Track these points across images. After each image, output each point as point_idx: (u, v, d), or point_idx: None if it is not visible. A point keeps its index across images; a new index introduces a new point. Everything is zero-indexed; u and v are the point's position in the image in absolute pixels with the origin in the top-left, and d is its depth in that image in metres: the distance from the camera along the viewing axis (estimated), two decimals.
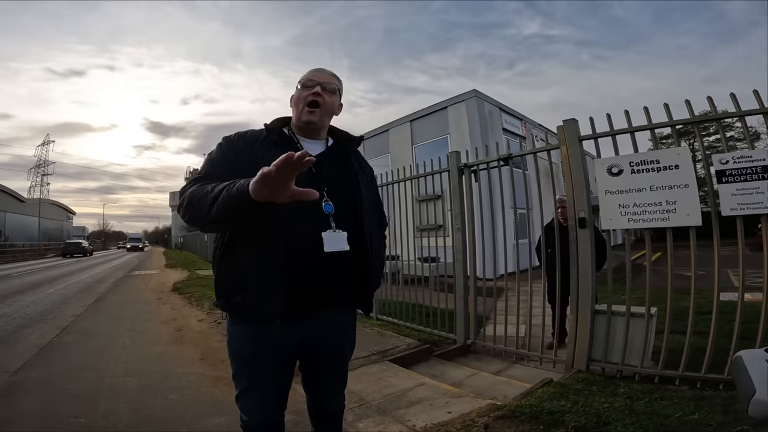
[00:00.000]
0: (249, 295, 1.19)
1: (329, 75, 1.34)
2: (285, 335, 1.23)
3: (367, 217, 1.34)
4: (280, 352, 1.27)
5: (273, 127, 1.33)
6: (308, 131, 1.35)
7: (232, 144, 1.29)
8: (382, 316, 4.86)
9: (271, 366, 1.28)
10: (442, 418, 2.22)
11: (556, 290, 3.31)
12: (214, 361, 3.56)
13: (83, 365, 3.45)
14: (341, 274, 1.26)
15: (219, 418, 2.40)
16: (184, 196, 1.15)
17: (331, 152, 1.37)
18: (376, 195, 1.54)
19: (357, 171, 1.39)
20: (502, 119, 12.23)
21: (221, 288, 1.27)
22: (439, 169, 4.19)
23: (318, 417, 1.55)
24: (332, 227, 1.22)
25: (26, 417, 2.42)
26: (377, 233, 1.45)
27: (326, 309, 1.28)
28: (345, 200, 1.29)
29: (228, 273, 1.24)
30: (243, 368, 1.32)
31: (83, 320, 5.50)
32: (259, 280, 1.17)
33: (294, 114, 1.35)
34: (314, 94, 1.28)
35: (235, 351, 1.32)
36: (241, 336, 1.29)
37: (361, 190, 1.35)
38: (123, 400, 2.68)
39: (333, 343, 1.36)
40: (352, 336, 1.46)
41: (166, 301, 7.26)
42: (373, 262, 1.35)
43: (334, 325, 1.34)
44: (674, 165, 2.67)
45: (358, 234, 1.29)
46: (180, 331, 4.79)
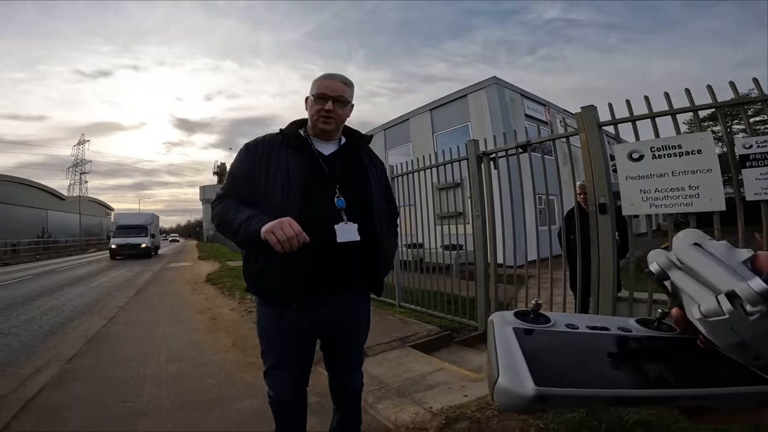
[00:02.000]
0: (270, 283, 1.35)
1: (341, 84, 1.42)
2: (303, 318, 1.38)
3: (377, 209, 1.45)
4: (300, 332, 1.42)
5: (289, 132, 1.45)
6: (323, 135, 1.46)
7: (250, 153, 1.43)
8: (405, 304, 4.97)
9: (293, 345, 1.44)
10: (458, 401, 2.31)
11: (578, 277, 3.31)
12: (246, 347, 3.77)
13: (128, 353, 3.70)
14: (353, 262, 1.39)
15: (251, 401, 2.57)
16: (214, 215, 1.41)
17: (343, 151, 1.49)
18: (387, 187, 1.64)
19: (368, 166, 1.51)
20: (524, 105, 11.98)
21: (249, 277, 1.44)
22: (458, 157, 4.22)
23: (338, 394, 1.69)
24: (344, 220, 1.35)
25: (79, 403, 2.62)
26: (387, 223, 1.56)
27: (340, 293, 1.42)
28: (356, 194, 1.41)
29: (253, 264, 1.40)
30: (270, 346, 1.48)
31: (126, 311, 5.86)
32: (278, 270, 1.32)
33: (309, 121, 1.46)
34: (326, 110, 1.38)
35: (263, 330, 1.48)
36: (268, 317, 1.45)
37: (371, 184, 1.47)
38: (165, 386, 2.88)
39: (348, 323, 1.50)
40: (366, 316, 1.60)
41: (200, 292, 7.62)
42: (383, 250, 1.47)
43: (348, 307, 1.47)
44: (697, 150, 2.61)
45: (369, 225, 1.41)
46: (214, 320, 5.06)
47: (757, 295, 0.27)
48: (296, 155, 1.40)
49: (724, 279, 0.30)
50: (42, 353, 3.91)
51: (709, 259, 0.32)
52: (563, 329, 0.35)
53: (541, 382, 0.28)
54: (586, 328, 0.36)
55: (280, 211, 1.26)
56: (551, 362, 0.31)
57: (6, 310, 6.35)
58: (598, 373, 0.31)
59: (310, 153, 1.42)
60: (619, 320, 0.38)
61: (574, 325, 0.36)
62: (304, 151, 1.42)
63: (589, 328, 0.36)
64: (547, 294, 3.55)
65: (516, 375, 0.29)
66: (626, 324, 0.37)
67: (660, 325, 0.38)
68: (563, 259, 3.46)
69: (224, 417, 2.39)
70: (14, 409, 2.52)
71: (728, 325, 0.29)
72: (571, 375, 0.30)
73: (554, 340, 0.34)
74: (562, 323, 0.36)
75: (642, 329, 0.37)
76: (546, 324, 0.36)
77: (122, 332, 4.57)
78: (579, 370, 0.31)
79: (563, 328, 0.36)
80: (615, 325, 0.37)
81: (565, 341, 0.34)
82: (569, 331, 0.35)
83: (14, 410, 2.50)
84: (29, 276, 12.11)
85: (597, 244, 3.03)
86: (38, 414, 2.47)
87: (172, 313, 5.63)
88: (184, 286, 8.76)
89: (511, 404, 0.28)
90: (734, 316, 0.28)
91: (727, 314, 0.28)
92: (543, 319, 0.36)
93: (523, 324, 0.35)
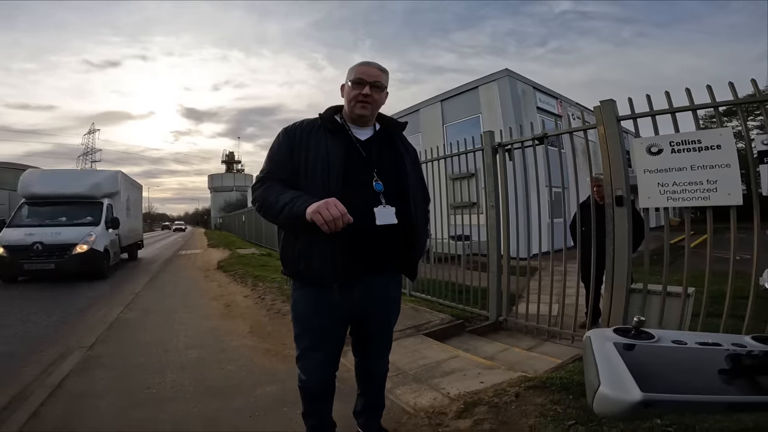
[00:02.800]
0: (312, 262, 1.38)
1: (377, 70, 1.45)
2: (341, 298, 1.42)
3: (412, 193, 1.49)
4: (336, 314, 1.46)
5: (326, 116, 1.49)
6: (358, 121, 1.49)
7: (289, 136, 1.47)
8: (416, 293, 5.03)
9: (328, 327, 1.48)
10: (475, 387, 2.37)
11: (591, 269, 3.34)
12: (262, 334, 3.84)
13: (148, 340, 3.77)
14: (390, 244, 1.44)
15: (272, 387, 2.63)
16: (256, 198, 1.42)
17: (378, 137, 1.53)
18: (420, 173, 1.67)
19: (403, 152, 1.54)
20: (536, 98, 11.86)
21: (286, 257, 1.46)
22: (473, 148, 4.23)
23: (364, 378, 1.74)
24: (382, 203, 1.39)
25: (106, 390, 2.65)
26: (422, 208, 1.60)
27: (376, 274, 1.46)
28: (392, 179, 1.45)
29: (292, 244, 1.42)
30: (305, 329, 1.52)
31: (142, 297, 5.95)
32: (321, 250, 1.36)
33: (346, 106, 1.49)
34: (364, 95, 1.41)
35: (299, 313, 1.52)
36: (305, 299, 1.48)
37: (407, 168, 1.51)
38: (187, 372, 2.93)
39: (381, 306, 1.54)
40: (398, 300, 1.65)
41: (212, 279, 7.74)
42: (418, 233, 1.51)
43: (383, 290, 1.52)
44: (716, 145, 2.61)
45: (405, 209, 1.45)
46: (228, 307, 5.14)
47: None
48: (334, 139, 1.43)
49: None
50: (62, 340, 3.96)
51: None
52: (670, 344, 0.37)
53: (647, 388, 0.29)
54: (695, 344, 0.37)
55: (322, 193, 1.29)
56: (658, 373, 0.32)
57: (23, 296, 6.43)
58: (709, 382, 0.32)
59: (347, 138, 1.45)
60: (732, 337, 0.39)
61: (682, 341, 0.37)
62: (341, 136, 1.45)
63: (700, 344, 0.37)
64: (559, 286, 3.57)
65: (619, 383, 0.30)
66: (741, 340, 0.38)
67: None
68: (578, 251, 3.49)
69: (246, 402, 2.44)
70: (41, 396, 2.54)
71: None
72: (680, 384, 0.31)
73: (661, 354, 0.35)
74: (668, 339, 0.37)
75: (759, 345, 0.37)
76: (650, 340, 0.37)
77: (140, 318, 4.65)
78: (689, 379, 0.32)
79: (670, 344, 0.37)
80: (728, 341, 0.37)
81: (673, 355, 0.35)
82: (677, 347, 0.36)
83: (42, 397, 2.52)
84: None
85: (612, 236, 3.05)
86: (66, 401, 2.50)
87: (187, 300, 5.73)
88: (196, 273, 8.89)
89: (614, 411, 0.30)
90: None
91: None
92: (646, 335, 0.37)
93: (624, 339, 0.36)
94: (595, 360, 0.33)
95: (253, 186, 1.48)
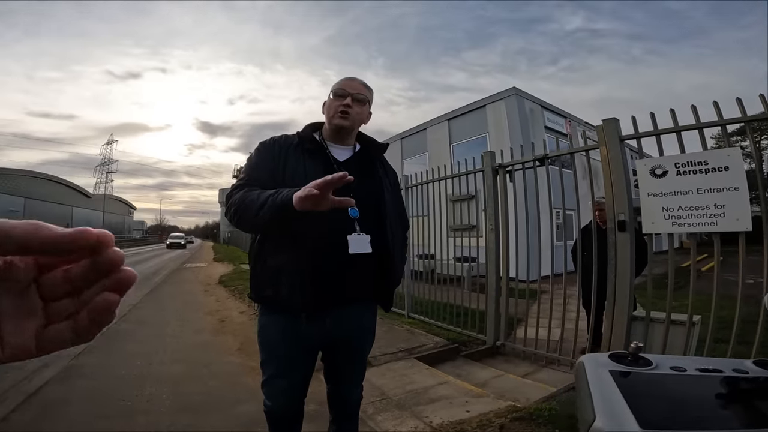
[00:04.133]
0: (280, 289, 1.29)
1: (360, 85, 1.41)
2: (310, 327, 1.32)
3: (389, 221, 1.40)
4: (304, 343, 1.36)
5: (305, 134, 1.42)
6: (338, 137, 1.42)
7: (268, 149, 1.40)
8: (414, 315, 4.90)
9: (295, 355, 1.39)
10: (459, 417, 2.23)
11: (592, 294, 3.19)
12: (251, 352, 3.74)
13: (135, 351, 3.72)
14: (364, 274, 1.35)
15: (251, 405, 2.52)
16: (232, 201, 1.28)
17: (358, 158, 1.45)
18: (399, 199, 1.59)
19: (382, 176, 1.46)
20: (544, 117, 11.81)
21: (255, 282, 1.39)
22: (474, 169, 4.16)
23: (337, 405, 1.63)
24: (357, 231, 1.30)
25: (80, 398, 2.63)
26: (399, 236, 1.51)
27: (349, 304, 1.37)
28: (370, 204, 1.36)
29: (261, 269, 1.34)
30: (271, 356, 1.43)
31: (139, 309, 5.92)
32: (289, 277, 1.27)
33: (326, 121, 1.43)
34: (345, 105, 1.36)
35: (265, 340, 1.43)
36: (272, 326, 1.39)
37: (384, 195, 1.42)
38: (167, 385, 2.87)
39: (354, 336, 1.44)
40: (372, 329, 1.54)
41: (212, 293, 7.68)
42: (394, 263, 1.42)
43: (355, 320, 1.42)
44: (724, 167, 2.49)
45: (382, 236, 1.36)
46: (222, 322, 5.07)
47: None
48: (312, 159, 1.36)
49: None
50: None
51: None
52: (668, 372, 0.35)
53: (646, 425, 0.27)
54: (695, 370, 0.35)
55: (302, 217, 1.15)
56: (657, 405, 0.29)
57: None
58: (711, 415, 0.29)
59: (325, 158, 1.38)
60: (732, 362, 0.36)
61: (681, 367, 0.35)
62: (319, 156, 1.38)
63: (699, 370, 0.35)
64: (559, 311, 3.42)
65: (616, 418, 0.27)
66: (742, 366, 0.36)
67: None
68: (578, 276, 3.35)
69: (223, 420, 2.36)
70: (15, 402, 2.54)
71: None
72: (681, 417, 0.28)
73: (659, 383, 0.33)
74: (666, 365, 0.35)
75: (760, 370, 0.35)
76: (647, 367, 0.35)
77: (132, 330, 4.60)
78: (690, 412, 0.29)
79: (668, 371, 0.35)
80: (729, 366, 0.35)
81: (672, 384, 0.33)
82: (677, 374, 0.34)
83: (15, 403, 2.51)
84: None
85: (614, 262, 2.92)
86: (37, 408, 2.48)
87: (182, 314, 5.66)
88: (197, 286, 8.85)
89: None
90: None
91: None
92: (643, 361, 0.35)
93: (620, 366, 0.34)
94: (589, 389, 0.31)
95: (228, 194, 1.33)
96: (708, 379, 0.33)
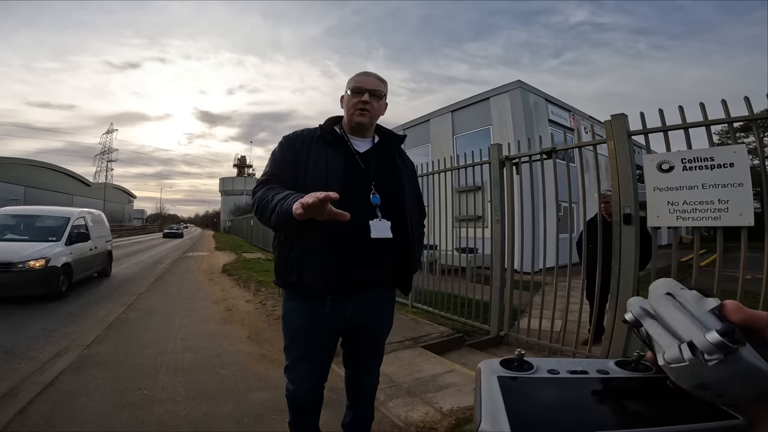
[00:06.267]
0: (305, 275, 1.35)
1: (376, 80, 1.46)
2: (332, 311, 1.39)
3: (408, 208, 1.47)
4: (327, 327, 1.43)
5: (326, 127, 1.48)
6: (358, 131, 1.49)
7: (291, 143, 1.46)
8: (418, 304, 4.97)
9: (318, 339, 1.45)
10: (468, 403, 2.31)
11: (596, 286, 3.25)
12: (260, 340, 3.82)
13: (146, 341, 3.77)
14: (384, 259, 1.41)
15: (263, 393, 2.60)
16: (255, 198, 1.34)
17: (377, 149, 1.52)
18: (417, 188, 1.66)
19: (400, 166, 1.53)
20: (548, 110, 11.79)
21: (281, 268, 1.43)
22: (480, 160, 4.19)
23: (354, 390, 1.69)
24: (378, 216, 1.37)
25: (97, 389, 2.65)
26: (417, 223, 1.58)
27: (369, 288, 1.43)
28: (390, 192, 1.43)
29: (287, 255, 1.40)
30: (294, 341, 1.49)
31: (144, 298, 5.95)
32: (315, 263, 1.33)
33: (345, 115, 1.49)
34: (363, 102, 1.41)
35: (289, 325, 1.49)
36: (296, 311, 1.45)
37: (404, 183, 1.49)
38: (180, 375, 2.93)
39: (373, 320, 1.50)
40: (390, 314, 1.61)
41: (216, 282, 7.76)
42: (413, 248, 1.48)
43: (375, 304, 1.48)
44: (729, 163, 2.54)
45: (401, 223, 1.43)
46: (229, 311, 5.14)
47: (712, 346, 0.30)
48: (334, 151, 1.42)
49: (687, 329, 0.33)
50: (62, 338, 3.99)
51: (678, 310, 0.35)
52: (545, 375, 0.38)
53: (517, 428, 0.30)
54: (567, 372, 0.38)
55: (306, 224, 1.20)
56: (531, 408, 0.33)
57: None
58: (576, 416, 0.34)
59: (347, 149, 1.45)
60: (599, 363, 0.40)
61: (556, 370, 0.38)
62: (341, 147, 1.44)
63: (570, 372, 0.38)
64: (562, 302, 3.48)
65: (496, 421, 0.31)
66: (605, 366, 0.40)
67: (637, 366, 0.40)
68: (582, 268, 3.41)
69: (237, 408, 2.42)
70: (31, 394, 2.55)
71: (689, 370, 0.32)
72: (549, 420, 0.33)
73: (536, 386, 0.36)
74: (544, 369, 0.38)
75: (619, 371, 0.39)
76: (529, 371, 0.38)
77: (141, 319, 4.65)
78: (557, 414, 0.34)
79: (545, 374, 0.38)
80: (594, 368, 0.39)
81: (547, 387, 0.36)
82: (551, 377, 0.38)
83: (31, 395, 2.52)
84: None
85: (619, 254, 2.97)
86: (55, 399, 2.50)
87: (189, 303, 5.72)
88: (201, 275, 8.91)
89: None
90: (694, 363, 0.31)
91: (687, 361, 0.31)
92: (527, 366, 0.38)
93: (507, 372, 0.37)
94: (480, 395, 0.34)
95: (254, 189, 1.41)
96: (574, 381, 0.37)
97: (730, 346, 0.29)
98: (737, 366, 0.30)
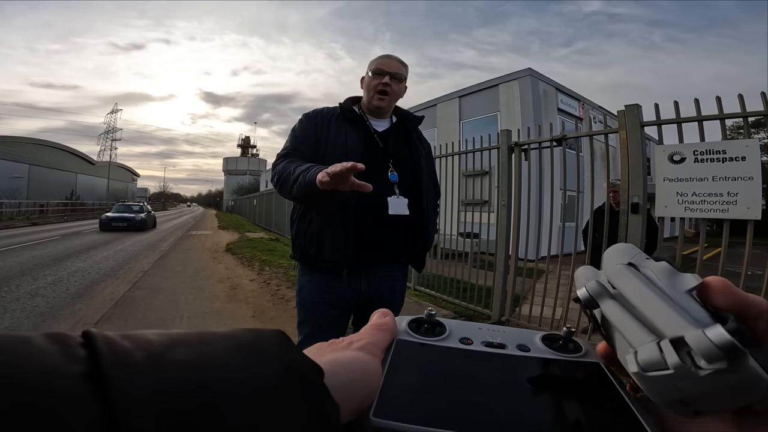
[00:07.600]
0: (323, 249, 1.38)
1: (397, 63, 1.49)
2: (348, 285, 1.42)
3: (425, 186, 1.50)
4: (342, 302, 1.46)
5: (346, 106, 1.51)
6: (377, 112, 1.51)
7: (311, 120, 1.48)
8: (420, 287, 5.03)
9: (333, 315, 1.48)
10: None
11: None
12: (264, 319, 3.86)
13: (153, 319, 3.80)
14: (400, 235, 1.45)
15: None
16: (275, 172, 1.38)
17: (395, 129, 1.54)
18: (433, 168, 1.69)
19: (418, 145, 1.56)
20: (557, 99, 11.65)
21: (298, 241, 1.46)
22: (489, 146, 4.18)
23: None
24: (396, 193, 1.40)
25: None
26: (433, 201, 1.61)
27: (384, 264, 1.47)
28: (407, 171, 1.47)
29: (306, 228, 1.43)
30: (309, 316, 1.51)
31: (150, 276, 5.99)
32: (333, 237, 1.36)
33: (365, 97, 1.51)
34: (384, 84, 1.44)
35: (304, 299, 1.51)
36: (311, 285, 1.48)
37: (421, 162, 1.52)
38: None
39: (386, 296, 1.53)
40: (403, 290, 1.64)
41: (220, 261, 7.81)
42: (428, 226, 1.52)
43: (388, 279, 1.51)
44: (741, 156, 2.54)
45: (417, 201, 1.46)
46: (234, 290, 5.17)
47: (716, 350, 0.19)
48: (353, 129, 1.46)
49: (668, 319, 0.21)
50: (69, 316, 4.01)
51: (650, 289, 0.23)
52: (453, 345, 0.29)
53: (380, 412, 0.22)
54: (480, 344, 0.29)
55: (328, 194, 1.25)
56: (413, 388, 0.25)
57: (34, 270, 6.49)
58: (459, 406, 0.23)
59: (365, 128, 1.48)
60: (524, 335, 0.31)
61: (469, 339, 0.30)
62: (360, 126, 1.47)
63: (485, 344, 0.29)
64: (564, 290, 3.52)
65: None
66: (530, 340, 0.31)
67: (566, 345, 0.30)
68: (587, 255, 3.44)
69: None
70: None
71: (673, 381, 0.21)
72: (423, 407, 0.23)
73: (437, 358, 0.28)
74: (456, 337, 0.30)
75: (544, 349, 0.30)
76: (439, 337, 0.30)
77: (147, 297, 4.67)
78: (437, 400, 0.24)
79: (455, 344, 0.29)
80: (515, 341, 0.30)
81: (448, 360, 0.28)
82: (459, 348, 0.29)
83: None
84: (57, 237, 12.53)
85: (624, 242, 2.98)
86: None
87: (194, 281, 5.74)
88: (205, 254, 8.97)
89: None
90: (681, 371, 0.20)
91: (673, 369, 0.20)
92: (438, 330, 0.30)
93: (410, 336, 0.30)
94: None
95: (274, 162, 1.45)
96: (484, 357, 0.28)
97: (740, 350, 0.18)
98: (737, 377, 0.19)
